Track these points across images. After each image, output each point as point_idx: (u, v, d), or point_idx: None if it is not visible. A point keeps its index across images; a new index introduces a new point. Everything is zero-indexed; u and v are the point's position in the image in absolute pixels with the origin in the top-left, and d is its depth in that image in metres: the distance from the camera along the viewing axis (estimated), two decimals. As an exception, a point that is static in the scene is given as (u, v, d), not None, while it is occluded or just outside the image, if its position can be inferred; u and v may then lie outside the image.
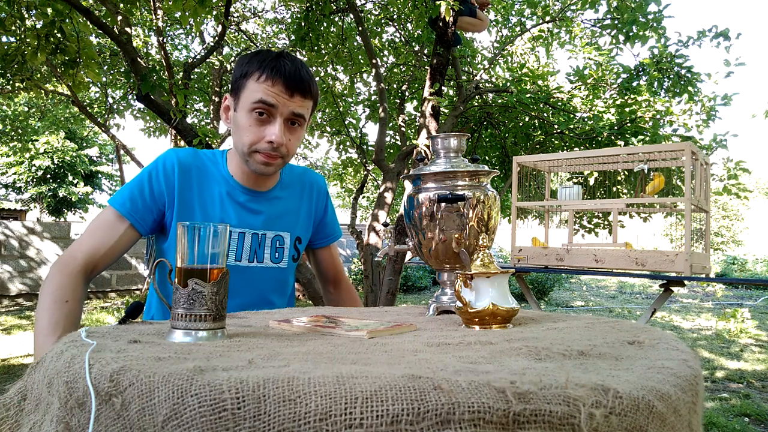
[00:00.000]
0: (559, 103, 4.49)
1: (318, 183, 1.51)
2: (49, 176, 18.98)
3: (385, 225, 1.34)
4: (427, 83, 4.10)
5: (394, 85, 5.84)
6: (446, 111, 4.64)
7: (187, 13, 3.17)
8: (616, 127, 3.97)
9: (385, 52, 6.05)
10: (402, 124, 5.40)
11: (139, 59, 3.64)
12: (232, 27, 7.65)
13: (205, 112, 9.40)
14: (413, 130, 5.63)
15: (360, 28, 4.49)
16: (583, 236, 4.85)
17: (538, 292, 9.17)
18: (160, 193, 1.27)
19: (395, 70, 5.93)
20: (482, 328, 0.97)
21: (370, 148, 5.36)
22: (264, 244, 1.36)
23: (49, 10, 3.42)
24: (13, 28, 3.54)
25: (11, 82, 4.44)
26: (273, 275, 1.38)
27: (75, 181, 19.46)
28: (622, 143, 3.99)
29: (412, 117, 5.90)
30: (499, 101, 4.61)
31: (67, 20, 3.41)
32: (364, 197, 13.79)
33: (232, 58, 8.73)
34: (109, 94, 8.08)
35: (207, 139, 3.73)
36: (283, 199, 1.41)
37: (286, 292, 1.45)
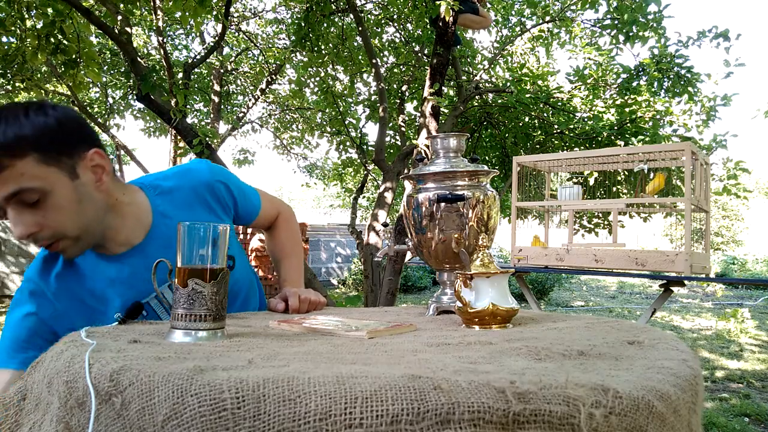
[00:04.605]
0: (559, 103, 4.49)
1: (200, 179, 1.23)
2: (49, 176, 18.95)
3: (385, 225, 1.34)
4: (427, 83, 4.10)
5: (394, 85, 5.84)
6: (446, 111, 4.64)
7: (187, 13, 3.17)
8: (616, 127, 3.97)
9: (385, 52, 6.05)
10: (402, 124, 5.40)
11: (139, 59, 3.65)
12: (232, 27, 7.65)
13: (205, 112, 9.41)
14: (413, 130, 5.63)
15: (360, 28, 4.49)
16: (583, 236, 4.84)
17: (538, 292, 9.17)
18: (40, 324, 1.08)
19: (395, 70, 5.93)
20: (482, 328, 0.97)
21: (370, 148, 5.35)
22: None
23: (50, 11, 3.42)
24: (13, 28, 3.54)
25: (11, 82, 4.44)
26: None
27: (75, 181, 19.44)
28: (622, 143, 3.99)
29: (412, 117, 5.90)
30: (499, 101, 4.61)
31: (67, 20, 3.41)
32: (364, 197, 13.74)
33: (232, 58, 8.74)
34: (109, 94, 8.09)
35: (207, 139, 3.73)
36: (169, 232, 1.13)
37: (242, 294, 1.31)
